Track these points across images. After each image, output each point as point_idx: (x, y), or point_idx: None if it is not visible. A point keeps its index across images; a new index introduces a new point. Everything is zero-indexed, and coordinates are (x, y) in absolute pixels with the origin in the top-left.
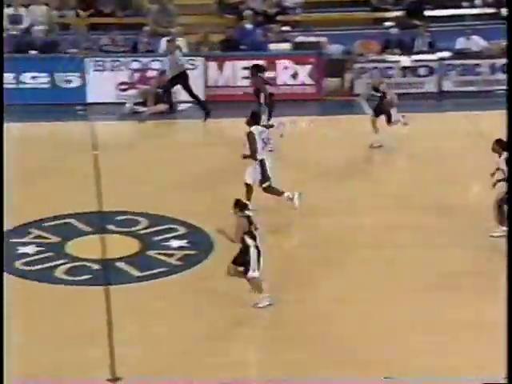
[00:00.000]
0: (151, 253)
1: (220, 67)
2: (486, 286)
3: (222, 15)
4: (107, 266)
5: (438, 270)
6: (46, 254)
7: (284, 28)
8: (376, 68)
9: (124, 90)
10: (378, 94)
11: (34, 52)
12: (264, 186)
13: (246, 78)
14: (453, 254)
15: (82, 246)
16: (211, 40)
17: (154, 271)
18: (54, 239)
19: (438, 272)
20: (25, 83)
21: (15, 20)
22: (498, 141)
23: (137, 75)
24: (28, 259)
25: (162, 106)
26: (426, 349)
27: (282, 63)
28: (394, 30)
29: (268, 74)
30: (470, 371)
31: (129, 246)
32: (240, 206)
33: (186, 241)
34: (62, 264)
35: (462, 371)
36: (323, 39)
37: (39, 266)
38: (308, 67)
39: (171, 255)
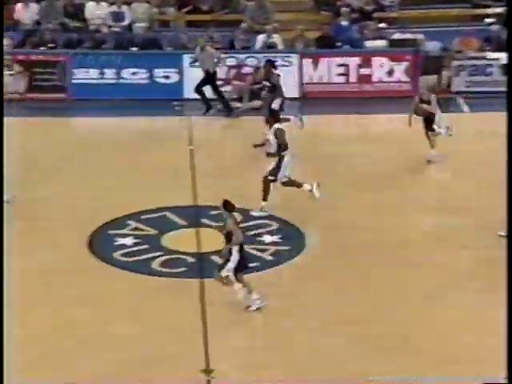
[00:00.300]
0: (245, 247)
1: (315, 64)
2: None
3: (319, 12)
4: (202, 259)
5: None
6: (143, 246)
7: (380, 25)
8: (475, 66)
9: (220, 85)
10: (425, 106)
11: (134, 48)
12: (268, 177)
13: (341, 74)
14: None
15: (178, 239)
16: (307, 37)
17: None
18: (151, 231)
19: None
20: (125, 79)
21: (117, 17)
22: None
23: (233, 71)
24: (126, 250)
25: (257, 102)
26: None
27: (377, 60)
28: (495, 27)
29: (363, 71)
30: None
31: (223, 240)
32: (227, 208)
33: (278, 236)
34: (158, 256)
35: None
36: (420, 36)
37: (136, 258)
38: (404, 64)
39: (264, 250)
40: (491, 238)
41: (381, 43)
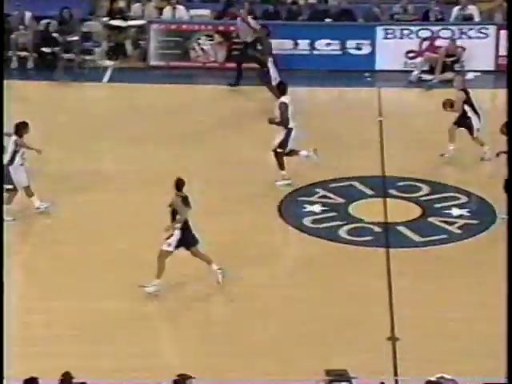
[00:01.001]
0: (432, 219)
1: None
2: None
3: None
4: (388, 229)
5: None
6: (331, 214)
7: None
8: None
9: (412, 57)
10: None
11: (328, 20)
12: (277, 150)
13: None
14: None
15: (365, 209)
16: (506, 8)
17: (434, 238)
18: (339, 200)
19: None
20: (318, 50)
21: None
22: (508, 123)
23: (425, 43)
24: (314, 217)
25: (450, 74)
26: None
27: None
28: None
29: None
30: None
31: (410, 211)
32: (177, 186)
33: (467, 210)
34: (345, 224)
35: None
36: None
37: (324, 225)
38: None
39: (452, 223)
40: None
41: None
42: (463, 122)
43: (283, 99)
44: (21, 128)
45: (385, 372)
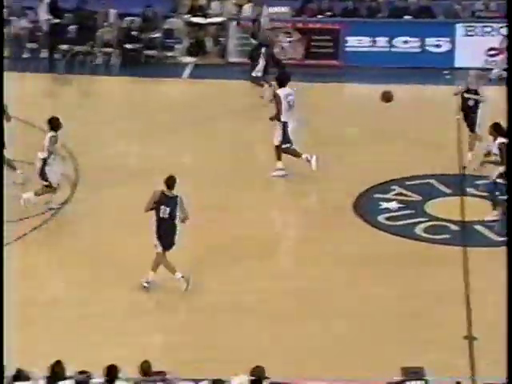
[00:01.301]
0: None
1: None
2: None
3: None
4: (466, 227)
5: None
6: (407, 211)
7: None
8: None
9: (493, 55)
10: (474, 97)
11: (407, 17)
12: (284, 146)
13: None
14: None
15: (442, 207)
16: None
17: None
18: (415, 197)
19: None
20: (397, 47)
21: None
22: (496, 124)
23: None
24: (390, 214)
25: None
26: None
27: None
28: None
29: None
30: None
31: (488, 210)
32: (166, 183)
33: None
34: (422, 222)
35: None
36: None
37: (400, 222)
38: None
39: None
40: None
41: None
42: (470, 117)
43: (278, 91)
44: (54, 122)
45: (461, 371)
